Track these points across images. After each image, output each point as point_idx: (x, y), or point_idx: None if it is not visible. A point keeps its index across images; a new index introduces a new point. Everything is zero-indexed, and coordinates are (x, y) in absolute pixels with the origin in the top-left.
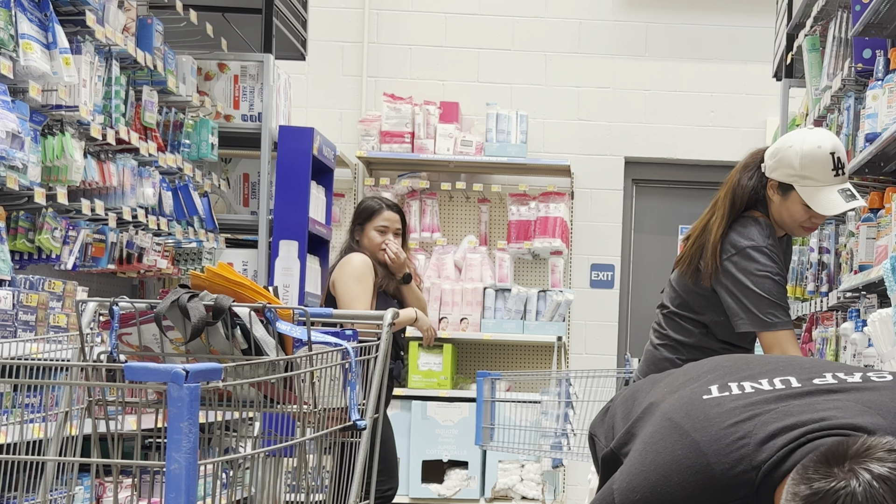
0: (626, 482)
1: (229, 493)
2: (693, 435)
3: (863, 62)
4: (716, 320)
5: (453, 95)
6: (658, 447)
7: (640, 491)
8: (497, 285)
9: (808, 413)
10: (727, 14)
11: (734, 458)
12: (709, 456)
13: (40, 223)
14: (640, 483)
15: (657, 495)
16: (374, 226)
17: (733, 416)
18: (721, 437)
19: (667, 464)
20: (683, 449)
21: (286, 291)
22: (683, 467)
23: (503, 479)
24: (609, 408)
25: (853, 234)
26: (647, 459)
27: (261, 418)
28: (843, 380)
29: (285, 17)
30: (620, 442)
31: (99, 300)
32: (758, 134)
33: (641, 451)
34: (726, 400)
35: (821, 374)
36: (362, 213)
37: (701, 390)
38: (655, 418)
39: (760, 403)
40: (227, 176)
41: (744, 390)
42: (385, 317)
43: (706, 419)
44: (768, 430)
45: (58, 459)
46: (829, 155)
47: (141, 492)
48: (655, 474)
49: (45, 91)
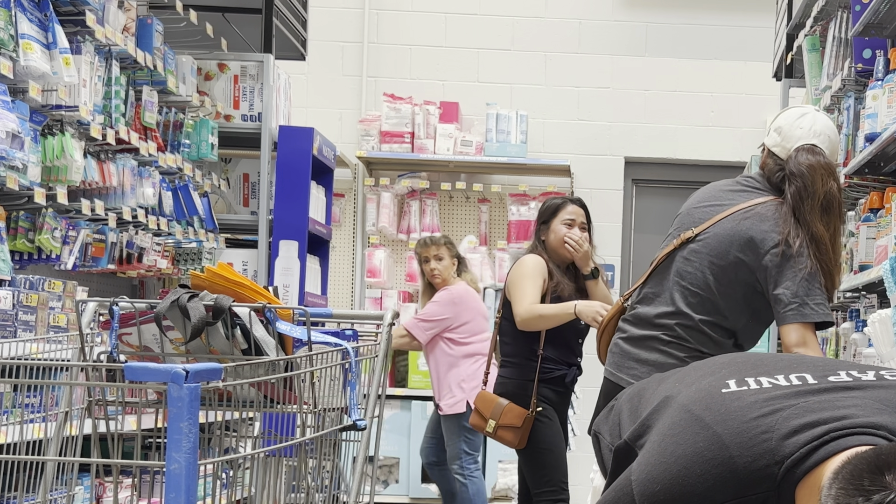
0: (646, 473)
1: (229, 493)
2: (715, 428)
3: (863, 62)
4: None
5: (453, 95)
6: (678, 439)
7: (661, 482)
8: (497, 285)
9: (829, 410)
10: (727, 14)
11: (757, 451)
12: (731, 449)
13: (40, 223)
14: (661, 474)
15: (678, 487)
16: (559, 220)
17: (754, 411)
18: (743, 431)
19: (688, 455)
20: (705, 441)
21: (286, 291)
22: (705, 459)
23: (503, 480)
24: (613, 405)
25: (853, 234)
26: (667, 451)
27: (261, 418)
28: (857, 378)
29: (285, 17)
30: (636, 434)
31: (99, 300)
32: (758, 134)
33: (660, 442)
34: (745, 394)
35: (835, 372)
36: (546, 211)
37: (719, 384)
38: (673, 410)
39: (780, 399)
40: (227, 176)
41: (761, 385)
42: (385, 317)
43: (727, 412)
44: (790, 425)
45: (58, 459)
46: (833, 135)
47: (141, 492)
48: (676, 465)
49: (45, 91)
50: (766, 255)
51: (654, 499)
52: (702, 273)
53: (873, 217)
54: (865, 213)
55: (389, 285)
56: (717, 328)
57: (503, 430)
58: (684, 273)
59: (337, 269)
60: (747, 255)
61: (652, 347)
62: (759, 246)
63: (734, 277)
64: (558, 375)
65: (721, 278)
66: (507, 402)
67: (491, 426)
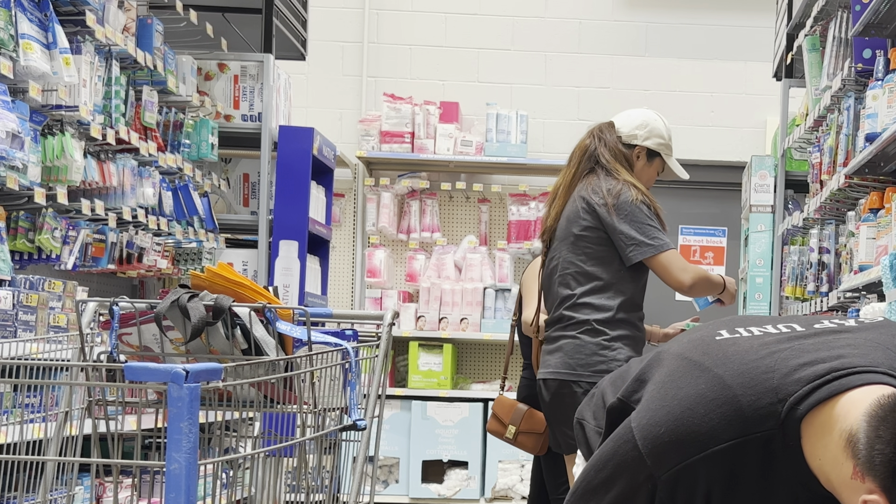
0: (648, 418)
1: (229, 493)
2: (715, 370)
3: (863, 62)
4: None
5: (453, 95)
6: (679, 383)
7: (665, 424)
8: (497, 285)
9: (826, 350)
10: (727, 14)
11: (760, 390)
12: (735, 388)
13: (40, 223)
14: (664, 417)
15: (683, 427)
16: None
17: (752, 354)
18: (745, 372)
19: (690, 397)
20: (707, 383)
21: (286, 291)
22: (708, 399)
23: (503, 479)
24: (594, 392)
25: (853, 234)
26: (668, 395)
27: (261, 418)
28: (841, 324)
29: (285, 17)
30: (630, 390)
31: (99, 300)
32: (758, 134)
33: (660, 389)
34: (740, 340)
35: (819, 321)
36: None
37: (711, 333)
38: (669, 360)
39: (774, 343)
40: (227, 176)
41: (752, 333)
42: (385, 317)
43: (725, 356)
44: (790, 364)
45: (58, 459)
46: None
47: (141, 492)
48: (679, 407)
49: (45, 91)
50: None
51: (657, 440)
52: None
53: (873, 217)
54: (865, 213)
55: (389, 285)
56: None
57: (524, 435)
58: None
59: (337, 269)
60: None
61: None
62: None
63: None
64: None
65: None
66: (527, 406)
67: (511, 432)
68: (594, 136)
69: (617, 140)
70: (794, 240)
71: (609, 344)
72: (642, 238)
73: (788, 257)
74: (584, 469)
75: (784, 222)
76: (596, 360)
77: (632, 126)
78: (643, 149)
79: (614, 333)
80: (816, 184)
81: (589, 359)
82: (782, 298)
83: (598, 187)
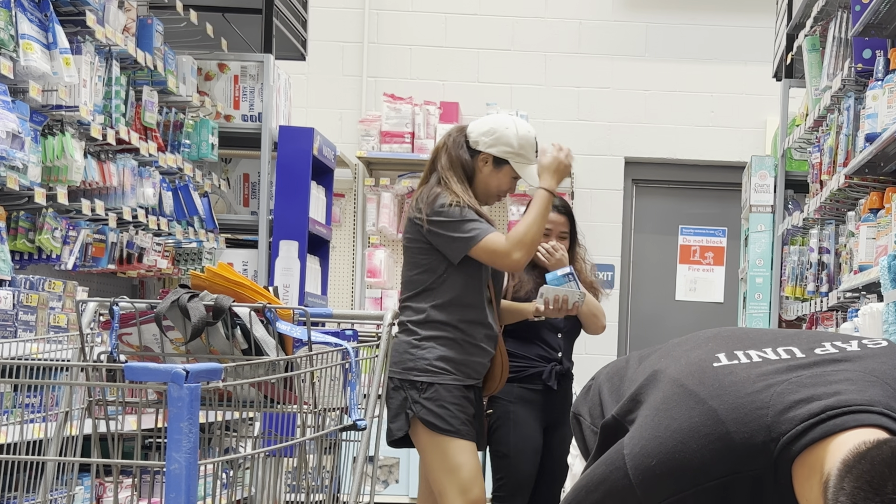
0: (640, 448)
1: (229, 493)
2: (710, 402)
3: (863, 62)
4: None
5: (453, 95)
6: (673, 413)
7: (656, 456)
8: None
9: (822, 385)
10: (727, 14)
11: (753, 427)
12: (728, 424)
13: (40, 223)
14: (656, 448)
15: (674, 461)
16: None
17: (748, 386)
18: (739, 406)
19: (683, 430)
20: (701, 416)
21: (286, 291)
22: (701, 434)
23: None
24: (591, 386)
25: (853, 234)
26: (661, 425)
27: (261, 418)
28: (842, 349)
29: (285, 17)
30: (625, 409)
31: (99, 300)
32: (758, 134)
33: (654, 416)
34: (737, 368)
35: (820, 344)
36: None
37: (709, 357)
38: (665, 384)
39: (772, 374)
40: (227, 176)
41: (751, 359)
42: (385, 317)
43: (721, 387)
44: (786, 401)
45: (58, 459)
46: (535, 140)
47: (141, 492)
48: (672, 440)
49: (46, 91)
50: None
51: (648, 473)
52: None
53: (873, 217)
54: (865, 213)
55: (389, 285)
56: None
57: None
58: None
59: (337, 269)
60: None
61: None
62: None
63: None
64: (532, 374)
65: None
66: None
67: None
68: (444, 140)
69: (463, 145)
70: (794, 240)
71: (419, 343)
72: (458, 235)
73: (788, 257)
74: (576, 485)
75: (784, 222)
76: (406, 357)
77: (479, 132)
78: (489, 156)
79: (425, 334)
80: (816, 184)
81: (400, 356)
82: (782, 298)
83: (420, 198)
